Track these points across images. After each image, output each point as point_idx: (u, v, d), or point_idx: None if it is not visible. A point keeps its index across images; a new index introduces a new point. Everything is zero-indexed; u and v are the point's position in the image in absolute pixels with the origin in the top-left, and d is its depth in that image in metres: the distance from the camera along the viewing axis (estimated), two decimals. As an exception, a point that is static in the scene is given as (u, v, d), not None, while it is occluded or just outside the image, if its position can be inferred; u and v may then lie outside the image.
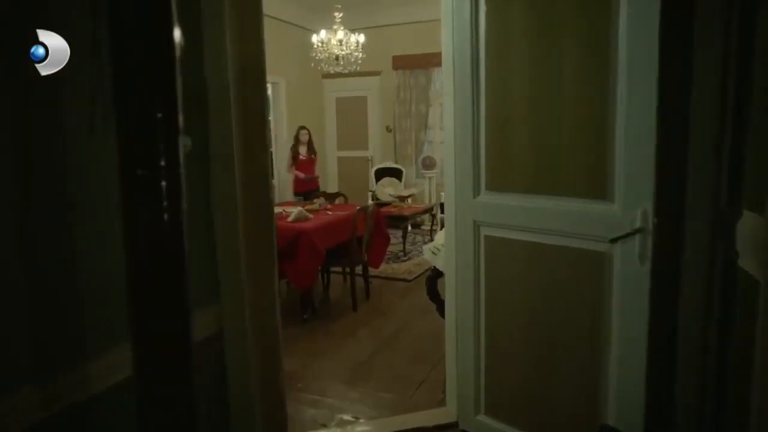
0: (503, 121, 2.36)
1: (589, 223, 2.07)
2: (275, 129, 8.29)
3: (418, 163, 8.63)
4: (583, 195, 2.09)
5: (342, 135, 9.25)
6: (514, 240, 2.34)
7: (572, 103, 2.14)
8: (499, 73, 2.35)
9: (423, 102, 8.44)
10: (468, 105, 2.44)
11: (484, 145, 2.41)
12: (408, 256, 6.46)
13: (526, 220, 2.29)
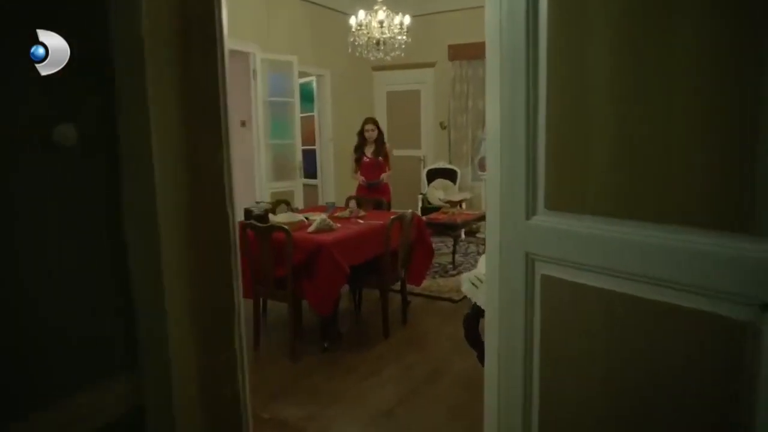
0: (574, 112, 1.57)
1: (721, 271, 1.25)
2: (319, 125, 7.71)
3: (475, 164, 7.79)
4: (710, 224, 1.27)
5: (393, 132, 8.53)
6: (589, 287, 1.54)
7: (692, 91, 1.32)
8: (568, 51, 1.56)
9: (481, 96, 7.58)
10: (520, 91, 1.66)
11: (544, 144, 1.63)
12: (458, 270, 5.67)
13: (608, 258, 1.48)
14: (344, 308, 4.40)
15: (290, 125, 6.68)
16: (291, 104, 6.62)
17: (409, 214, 3.97)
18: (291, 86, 6.60)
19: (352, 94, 7.98)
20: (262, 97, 6.30)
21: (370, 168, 5.38)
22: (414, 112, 8.29)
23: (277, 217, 3.76)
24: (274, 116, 6.57)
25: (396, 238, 3.88)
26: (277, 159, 6.65)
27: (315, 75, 7.46)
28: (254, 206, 3.94)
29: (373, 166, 5.37)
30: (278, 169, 6.66)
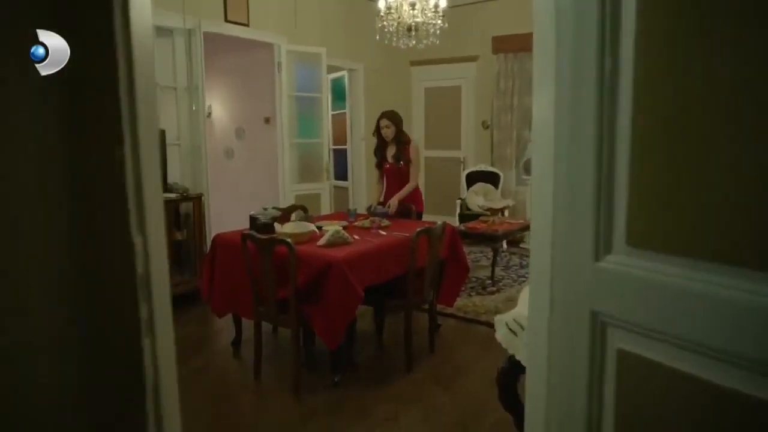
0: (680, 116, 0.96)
1: None
2: (350, 123, 7.20)
3: (520, 168, 7.11)
4: None
5: (431, 131, 7.95)
6: (703, 382, 0.93)
7: None
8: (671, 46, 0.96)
9: (528, 93, 6.89)
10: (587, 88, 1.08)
11: (628, 155, 1.03)
12: (497, 287, 5.03)
13: (741, 337, 0.88)
14: (364, 330, 3.86)
15: (318, 123, 6.19)
16: (319, 100, 6.14)
17: (440, 226, 3.38)
18: (319, 80, 6.11)
19: (387, 91, 7.44)
20: (287, 91, 5.83)
21: (393, 176, 4.40)
22: (454, 110, 7.67)
23: (284, 227, 3.26)
24: (300, 113, 6.10)
25: (423, 255, 3.31)
26: (302, 159, 6.17)
27: (347, 69, 6.95)
28: (261, 213, 3.45)
29: (395, 173, 4.36)
30: (304, 170, 6.19)
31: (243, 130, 6.44)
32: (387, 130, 4.27)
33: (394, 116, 4.29)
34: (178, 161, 4.89)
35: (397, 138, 4.28)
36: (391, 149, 4.36)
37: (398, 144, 4.29)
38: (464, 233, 5.17)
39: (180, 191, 4.40)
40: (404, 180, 4.34)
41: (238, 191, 6.62)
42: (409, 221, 4.08)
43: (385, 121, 4.28)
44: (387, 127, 4.27)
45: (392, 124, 4.26)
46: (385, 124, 4.27)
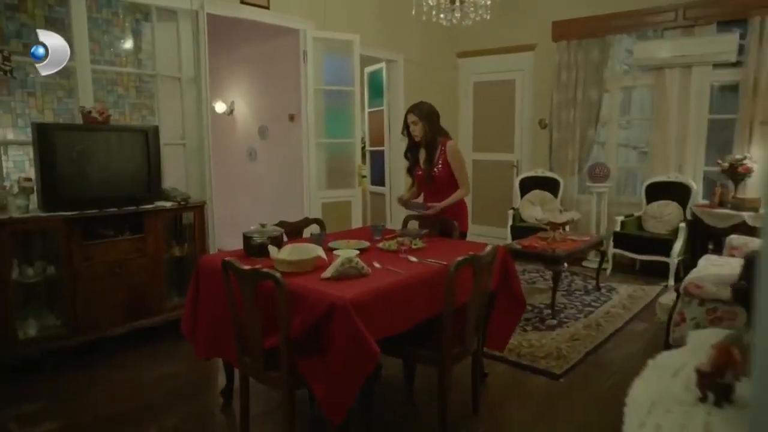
0: None
1: None
2: (389, 121, 6.40)
3: (584, 173, 6.12)
4: None
5: (480, 131, 7.06)
6: None
7: None
8: None
9: (594, 86, 5.91)
10: None
11: None
12: (558, 319, 4.10)
13: None
14: (390, 375, 3.04)
15: (349, 120, 5.43)
16: (351, 94, 5.37)
17: (490, 252, 2.51)
18: (351, 72, 5.34)
19: (430, 85, 6.60)
20: (314, 84, 5.10)
21: (425, 184, 3.52)
22: (507, 107, 6.75)
23: (281, 252, 2.49)
24: (329, 109, 5.35)
25: (465, 290, 2.46)
26: (331, 162, 5.42)
27: (385, 60, 6.16)
28: (257, 232, 2.69)
29: (427, 181, 3.47)
30: (332, 175, 5.44)
31: (266, 128, 5.75)
32: (415, 128, 3.40)
33: (424, 110, 3.39)
34: (183, 163, 4.22)
35: (428, 137, 3.40)
36: (423, 151, 3.48)
37: (430, 144, 3.41)
38: (518, 252, 4.28)
39: (179, 198, 3.72)
40: (440, 189, 3.46)
41: (261, 197, 5.95)
42: (448, 242, 3.23)
43: (411, 116, 3.40)
44: (414, 124, 3.39)
45: (420, 120, 3.37)
46: (412, 120, 3.39)
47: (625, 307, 4.45)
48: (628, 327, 4.00)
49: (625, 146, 6.21)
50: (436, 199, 3.44)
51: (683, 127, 5.49)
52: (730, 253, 4.61)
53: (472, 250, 2.89)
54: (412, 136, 3.45)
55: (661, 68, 5.50)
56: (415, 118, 3.38)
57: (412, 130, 3.42)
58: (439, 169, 3.42)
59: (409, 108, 3.44)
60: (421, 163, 3.49)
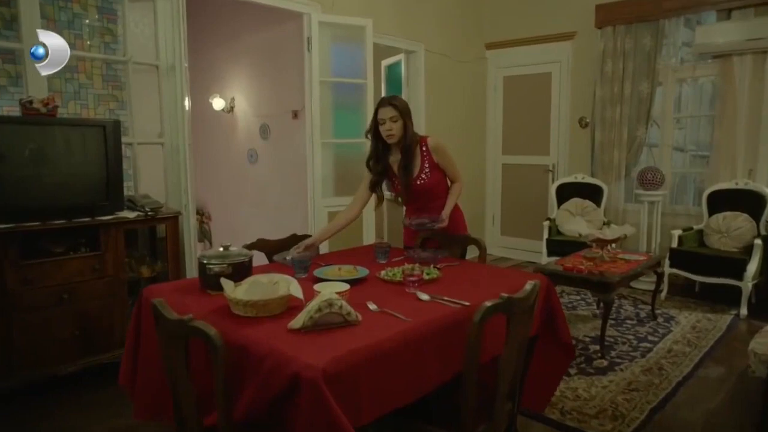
0: None
1: None
2: (407, 120, 5.68)
3: (632, 179, 5.31)
4: None
5: (511, 131, 6.31)
6: None
7: None
8: None
9: (645, 78, 5.10)
10: None
11: None
12: (609, 359, 3.33)
13: None
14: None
15: (361, 118, 4.74)
16: (363, 88, 4.68)
17: (531, 290, 1.77)
18: (363, 62, 4.66)
19: (455, 79, 5.88)
20: (319, 76, 4.43)
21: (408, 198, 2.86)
22: (541, 104, 5.98)
23: (238, 288, 1.80)
24: (337, 104, 4.68)
25: (493, 344, 1.74)
26: (339, 164, 4.74)
27: (403, 51, 5.47)
28: (216, 257, 2.01)
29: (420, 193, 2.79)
30: (341, 179, 4.75)
31: (268, 127, 5.11)
32: (393, 126, 2.62)
33: (404, 104, 2.69)
34: (162, 166, 3.60)
35: (410, 138, 2.67)
36: (395, 157, 2.76)
37: (410, 147, 2.68)
38: (559, 275, 3.52)
39: (147, 208, 3.08)
40: (431, 199, 2.81)
41: (262, 204, 5.31)
42: (471, 268, 2.49)
43: (389, 110, 2.62)
44: (393, 120, 2.62)
45: (401, 117, 2.63)
46: (390, 116, 2.61)
47: (690, 343, 3.64)
48: (700, 372, 3.20)
49: (682, 150, 5.36)
50: (429, 213, 2.78)
51: (754, 124, 4.65)
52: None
53: (504, 281, 2.17)
54: (382, 137, 2.70)
55: (729, 55, 4.67)
56: (394, 113, 2.62)
57: (387, 129, 2.65)
58: (427, 175, 2.77)
59: (384, 100, 2.69)
60: (395, 171, 2.78)
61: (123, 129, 3.38)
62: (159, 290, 2.08)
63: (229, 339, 1.50)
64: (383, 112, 2.64)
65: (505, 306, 1.65)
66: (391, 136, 2.66)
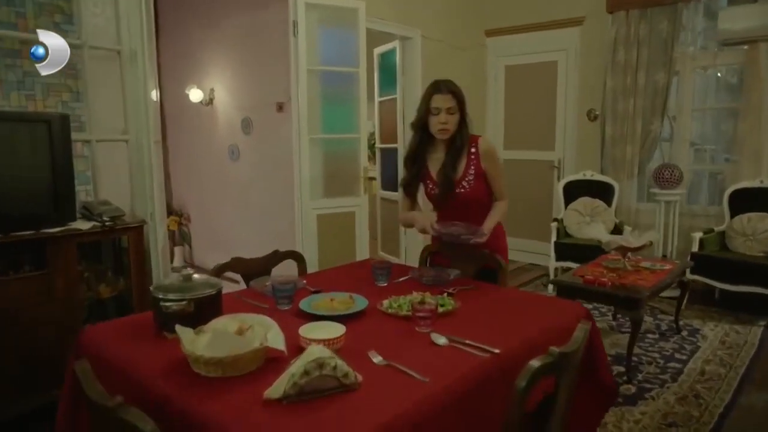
0: None
1: None
2: (403, 112, 5.26)
3: (646, 176, 4.93)
4: None
5: (513, 125, 5.90)
6: None
7: None
8: None
9: (661, 67, 4.70)
10: None
11: None
12: (637, 385, 2.94)
13: None
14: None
15: (353, 110, 4.30)
16: (354, 77, 4.24)
17: (580, 343, 1.36)
18: (355, 48, 4.21)
19: (453, 69, 5.44)
20: (306, 64, 3.97)
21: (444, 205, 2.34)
22: (546, 94, 5.57)
23: (198, 340, 1.37)
24: (327, 96, 4.23)
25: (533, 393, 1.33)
26: (330, 163, 4.30)
27: (398, 37, 5.02)
28: (172, 292, 1.57)
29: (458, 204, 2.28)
30: (331, 179, 4.31)
31: (250, 121, 4.64)
32: (450, 119, 2.15)
33: (461, 90, 2.21)
34: (127, 166, 3.13)
35: (465, 134, 2.21)
36: (437, 155, 2.28)
37: (458, 145, 2.21)
38: (578, 289, 3.12)
39: (105, 217, 2.63)
40: (469, 211, 2.27)
41: (245, 205, 4.86)
42: (493, 295, 2.07)
43: (447, 98, 2.14)
44: (450, 112, 2.14)
45: (458, 108, 2.17)
46: (449, 105, 2.14)
47: (724, 362, 3.26)
48: (742, 400, 2.81)
49: (699, 147, 4.96)
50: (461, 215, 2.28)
51: (781, 118, 4.28)
52: None
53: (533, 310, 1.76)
54: (428, 129, 2.22)
55: (755, 41, 4.28)
56: (453, 103, 2.15)
57: (441, 122, 2.16)
58: (470, 183, 2.25)
59: (441, 85, 2.19)
60: (433, 175, 2.29)
61: (79, 124, 2.93)
62: (101, 333, 1.64)
63: (184, 416, 1.08)
64: (440, 100, 2.15)
65: (556, 365, 1.23)
66: (445, 131, 2.18)
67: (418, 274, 2.19)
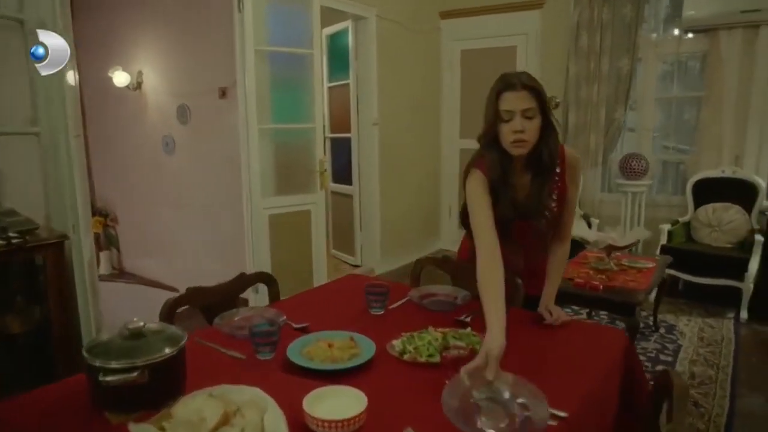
0: None
1: None
2: (356, 98, 4.86)
3: (609, 166, 4.81)
4: None
5: (469, 113, 5.62)
6: None
7: None
8: None
9: (624, 53, 4.56)
10: None
11: None
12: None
13: None
14: None
15: (308, 97, 3.84)
16: (308, 60, 3.78)
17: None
18: (308, 28, 3.75)
19: (409, 53, 5.09)
20: (253, 44, 3.48)
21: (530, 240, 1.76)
22: (504, 81, 5.31)
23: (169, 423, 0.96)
24: (278, 81, 3.75)
25: None
26: (282, 155, 3.84)
27: (351, 16, 4.59)
28: (115, 355, 1.12)
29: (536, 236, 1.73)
30: (284, 175, 3.85)
31: (187, 108, 4.08)
32: (529, 126, 1.50)
33: (541, 85, 1.53)
34: (38, 167, 2.55)
35: (551, 146, 1.58)
36: (524, 174, 1.64)
37: (545, 161, 1.58)
38: (564, 293, 2.87)
39: (10, 232, 2.07)
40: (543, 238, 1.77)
41: (185, 204, 4.31)
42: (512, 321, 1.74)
43: (522, 97, 1.48)
44: (527, 116, 1.49)
45: (539, 109, 1.51)
46: (526, 107, 1.48)
47: (710, 362, 3.14)
48: (740, 405, 2.68)
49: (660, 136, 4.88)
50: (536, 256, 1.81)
51: (742, 107, 4.24)
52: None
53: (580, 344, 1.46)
54: (506, 140, 1.54)
55: (717, 29, 4.21)
56: (532, 104, 1.49)
57: (516, 131, 1.50)
58: (552, 210, 1.67)
59: (512, 77, 1.53)
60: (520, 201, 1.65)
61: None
62: (8, 415, 1.16)
63: None
64: (512, 100, 1.49)
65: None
66: (521, 142, 1.52)
67: (417, 296, 1.83)
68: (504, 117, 1.51)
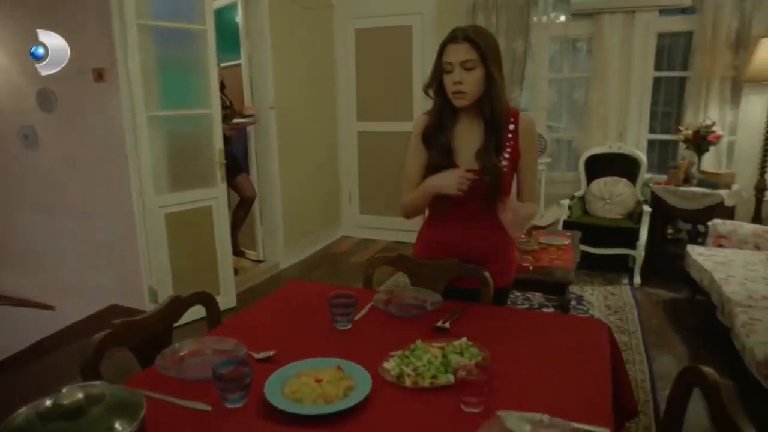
0: None
1: None
2: (250, 80, 4.48)
3: (508, 146, 4.92)
4: None
5: (366, 94, 5.46)
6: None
7: None
8: None
9: (518, 34, 4.67)
10: None
11: None
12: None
13: None
14: None
15: (202, 80, 3.41)
16: (200, 37, 3.35)
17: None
18: (199, 2, 3.31)
19: (302, 31, 4.78)
20: (135, 17, 2.99)
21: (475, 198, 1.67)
22: (401, 61, 5.22)
23: None
24: (166, 61, 3.28)
25: None
26: (175, 146, 3.39)
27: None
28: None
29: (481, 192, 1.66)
30: (180, 167, 3.41)
31: (52, 93, 3.43)
32: (467, 77, 1.57)
33: (491, 41, 1.62)
34: None
35: (497, 99, 1.62)
36: (464, 124, 1.69)
37: (491, 117, 1.63)
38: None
39: None
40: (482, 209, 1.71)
41: (55, 207, 3.67)
42: (497, 321, 1.62)
43: (462, 49, 1.56)
44: (467, 66, 1.56)
45: (483, 62, 1.57)
46: (465, 58, 1.55)
47: (620, 328, 3.34)
48: (657, 368, 2.87)
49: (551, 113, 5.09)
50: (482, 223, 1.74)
51: (624, 86, 4.55)
52: (717, 243, 3.78)
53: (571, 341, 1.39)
54: (445, 92, 1.63)
55: (601, 13, 4.44)
56: (472, 55, 1.56)
57: (459, 80, 1.57)
58: (506, 161, 1.67)
59: (458, 33, 1.58)
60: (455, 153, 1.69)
61: None
62: None
63: None
64: (453, 52, 1.57)
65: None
66: (460, 94, 1.60)
67: (383, 302, 1.65)
68: (446, 68, 1.61)
